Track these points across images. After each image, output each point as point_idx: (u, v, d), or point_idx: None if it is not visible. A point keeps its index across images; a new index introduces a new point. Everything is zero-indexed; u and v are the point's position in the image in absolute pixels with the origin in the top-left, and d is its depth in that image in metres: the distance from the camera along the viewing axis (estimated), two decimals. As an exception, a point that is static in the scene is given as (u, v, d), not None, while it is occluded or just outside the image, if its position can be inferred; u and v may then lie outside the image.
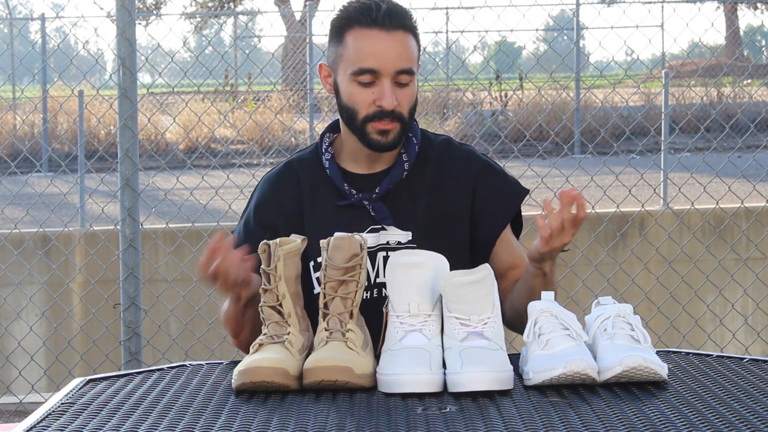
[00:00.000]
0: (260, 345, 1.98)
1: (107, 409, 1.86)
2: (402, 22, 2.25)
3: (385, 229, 2.29)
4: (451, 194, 2.33)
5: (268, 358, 1.91)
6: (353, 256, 2.00)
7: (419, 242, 2.27)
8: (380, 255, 2.28)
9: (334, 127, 2.39)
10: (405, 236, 2.29)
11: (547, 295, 2.02)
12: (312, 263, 2.28)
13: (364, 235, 2.13)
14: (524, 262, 2.38)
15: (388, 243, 2.29)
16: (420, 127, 2.41)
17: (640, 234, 6.51)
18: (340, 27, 2.27)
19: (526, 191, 2.41)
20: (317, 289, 2.27)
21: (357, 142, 2.30)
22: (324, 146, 2.37)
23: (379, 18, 2.23)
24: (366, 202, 2.30)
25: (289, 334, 1.99)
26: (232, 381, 1.93)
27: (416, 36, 2.29)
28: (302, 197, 2.35)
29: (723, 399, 1.81)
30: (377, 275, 2.28)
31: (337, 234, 2.06)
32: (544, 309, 1.97)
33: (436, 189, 2.33)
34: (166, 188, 7.63)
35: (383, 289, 2.26)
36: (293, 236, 2.13)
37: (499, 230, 2.35)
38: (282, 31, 19.48)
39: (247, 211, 2.43)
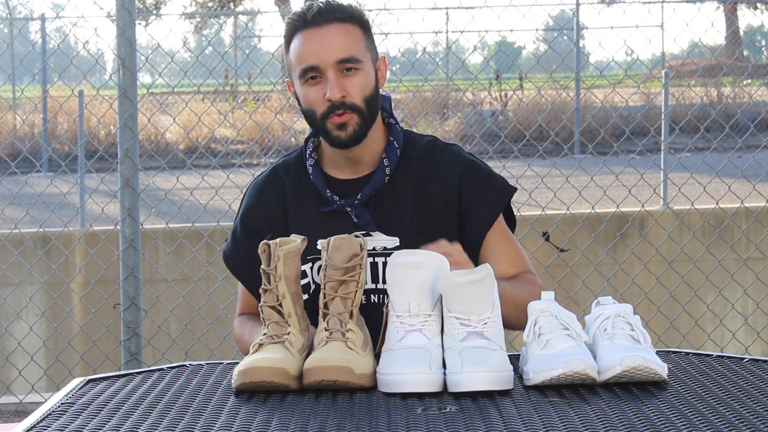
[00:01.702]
0: (260, 345, 1.98)
1: (107, 409, 1.86)
2: (334, 16, 2.26)
3: (371, 235, 2.28)
4: (437, 197, 2.32)
5: (268, 358, 1.91)
6: (353, 256, 2.00)
7: (407, 247, 2.25)
8: (367, 261, 2.26)
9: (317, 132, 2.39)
10: (392, 242, 2.28)
11: (547, 295, 2.02)
12: None
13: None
14: (521, 265, 2.37)
15: (374, 249, 2.28)
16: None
17: (640, 234, 6.51)
18: (286, 41, 2.31)
19: (513, 189, 2.39)
20: (303, 297, 2.26)
21: (334, 148, 2.30)
22: (308, 152, 2.37)
23: (310, 18, 2.26)
24: (349, 209, 2.29)
25: (289, 334, 1.99)
26: (232, 381, 1.93)
27: (362, 26, 2.29)
28: (287, 203, 2.35)
29: (723, 399, 1.81)
30: (365, 282, 2.27)
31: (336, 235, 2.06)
32: (544, 309, 1.97)
33: (421, 192, 2.32)
34: (166, 188, 7.63)
35: (371, 295, 2.27)
36: (293, 236, 2.13)
37: (486, 228, 2.33)
38: (282, 31, 19.50)
39: (236, 221, 2.44)
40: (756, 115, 10.37)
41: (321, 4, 2.28)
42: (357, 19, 2.29)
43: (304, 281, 2.28)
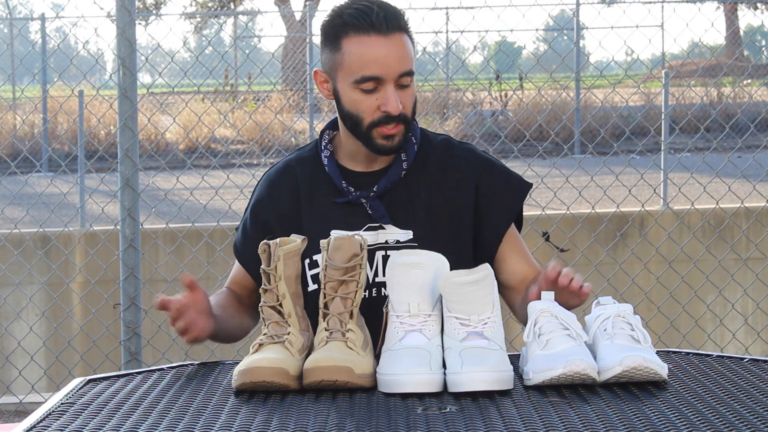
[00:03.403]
0: (260, 345, 1.98)
1: (107, 409, 1.86)
2: (398, 24, 2.22)
3: (383, 228, 2.29)
4: (453, 193, 2.33)
5: (268, 358, 1.91)
6: (353, 256, 2.00)
7: (420, 241, 2.27)
8: (379, 254, 2.27)
9: (333, 125, 2.39)
10: (405, 235, 2.28)
11: (547, 295, 2.02)
12: (307, 261, 2.28)
13: (363, 233, 2.13)
14: (535, 266, 2.38)
15: (387, 242, 2.28)
16: (420, 126, 2.41)
17: (640, 234, 6.51)
18: (335, 33, 2.24)
19: (530, 185, 2.40)
20: (312, 287, 2.27)
21: (356, 142, 2.30)
22: (323, 143, 2.36)
23: (376, 22, 2.20)
24: (363, 200, 2.29)
25: (289, 334, 1.99)
26: (232, 381, 1.93)
27: (410, 34, 2.27)
28: (300, 196, 2.35)
29: (723, 399, 1.81)
30: (376, 274, 2.27)
31: (336, 234, 2.06)
32: (544, 309, 1.97)
33: (437, 188, 2.33)
34: (166, 188, 7.63)
35: (382, 289, 2.26)
36: (293, 236, 2.13)
37: (504, 228, 2.35)
38: (282, 31, 19.50)
39: (246, 212, 2.44)
40: (756, 115, 10.37)
41: (382, 7, 2.22)
42: (408, 26, 2.27)
43: (315, 271, 2.28)
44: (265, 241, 2.05)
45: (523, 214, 2.46)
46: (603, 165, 5.70)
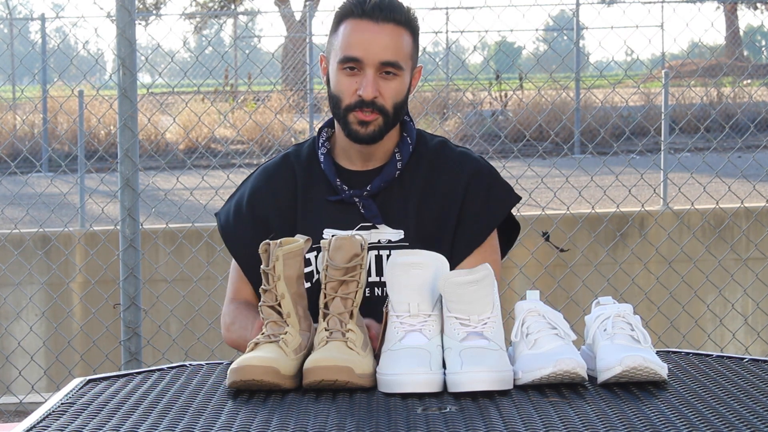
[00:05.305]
0: (256, 344, 1.98)
1: (107, 409, 1.86)
2: (393, 16, 2.26)
3: (376, 228, 2.29)
4: (443, 195, 2.33)
5: (259, 357, 1.92)
6: (354, 256, 2.00)
7: (411, 241, 2.27)
8: (372, 254, 2.27)
9: (331, 123, 2.40)
10: (396, 235, 2.29)
11: (533, 295, 2.02)
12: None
13: (355, 233, 2.13)
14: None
15: (379, 242, 2.29)
16: (420, 127, 2.42)
17: (640, 234, 6.51)
18: (338, 19, 2.30)
19: (517, 198, 2.38)
20: (305, 285, 2.27)
21: (348, 138, 2.31)
22: (321, 141, 2.37)
23: (369, 9, 2.25)
24: (356, 199, 2.30)
25: (285, 333, 1.99)
26: (226, 379, 1.93)
27: (413, 33, 2.30)
28: (297, 191, 2.35)
29: (723, 399, 1.81)
30: (369, 274, 2.27)
31: (335, 234, 2.06)
32: (531, 309, 1.97)
33: (429, 189, 2.33)
34: (166, 188, 7.63)
35: (375, 288, 2.27)
36: (298, 236, 2.13)
37: (481, 238, 2.33)
38: (282, 31, 19.50)
39: (238, 196, 2.41)
40: (756, 115, 10.37)
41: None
42: (411, 25, 2.30)
43: (307, 269, 2.28)
44: (266, 241, 2.05)
45: (524, 214, 2.45)
46: (603, 165, 5.70)
